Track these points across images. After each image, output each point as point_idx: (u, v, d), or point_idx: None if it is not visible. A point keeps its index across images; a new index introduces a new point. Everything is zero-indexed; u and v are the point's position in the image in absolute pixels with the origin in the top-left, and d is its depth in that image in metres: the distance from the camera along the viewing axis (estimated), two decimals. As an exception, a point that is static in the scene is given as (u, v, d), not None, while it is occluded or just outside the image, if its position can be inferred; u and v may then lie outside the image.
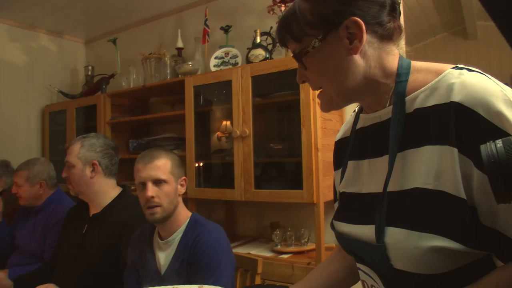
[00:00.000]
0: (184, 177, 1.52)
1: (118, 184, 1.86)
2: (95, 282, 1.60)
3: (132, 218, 1.67)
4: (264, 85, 2.36)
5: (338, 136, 0.97)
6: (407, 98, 0.73)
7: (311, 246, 2.25)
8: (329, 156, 2.26)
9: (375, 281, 0.78)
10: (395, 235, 0.68)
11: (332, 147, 1.01)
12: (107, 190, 1.77)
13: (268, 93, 2.36)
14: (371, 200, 0.77)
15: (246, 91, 2.30)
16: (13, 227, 2.35)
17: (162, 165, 1.43)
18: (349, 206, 0.84)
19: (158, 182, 1.41)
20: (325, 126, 2.20)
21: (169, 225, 1.45)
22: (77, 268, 1.65)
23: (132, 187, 2.89)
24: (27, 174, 2.24)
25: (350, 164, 0.86)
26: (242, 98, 2.32)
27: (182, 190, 1.50)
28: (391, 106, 0.75)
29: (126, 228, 1.63)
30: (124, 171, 3.11)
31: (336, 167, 0.96)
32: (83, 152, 1.73)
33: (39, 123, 3.68)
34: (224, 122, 2.55)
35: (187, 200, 2.46)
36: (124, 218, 1.67)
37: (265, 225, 2.53)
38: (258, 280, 1.67)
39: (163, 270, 1.43)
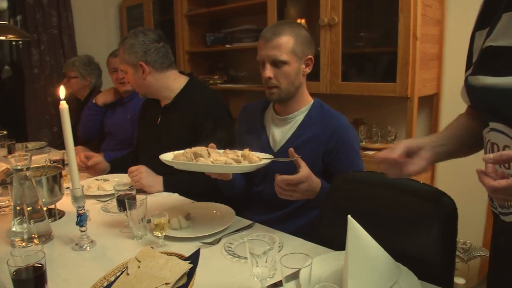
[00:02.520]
0: (310, 56, 1.35)
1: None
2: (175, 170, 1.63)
3: (205, 104, 1.63)
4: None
5: None
6: None
7: (398, 144, 2.14)
8: (428, 47, 2.06)
9: None
10: None
11: (431, 37, 0.87)
12: (169, 84, 1.69)
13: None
14: None
15: (336, -28, 2.07)
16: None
17: (284, 43, 1.28)
18: (498, 59, 0.78)
19: (276, 63, 1.30)
20: (425, 13, 1.95)
21: (291, 103, 1.38)
22: (156, 158, 1.69)
23: (210, 81, 2.89)
24: None
25: (505, 16, 0.77)
26: (331, -19, 2.09)
27: (307, 70, 1.36)
28: None
29: (200, 115, 1.60)
30: (201, 65, 3.10)
31: (481, 27, 0.85)
32: (126, 56, 1.64)
33: (117, 18, 3.71)
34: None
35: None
36: (197, 106, 1.63)
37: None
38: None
39: (277, 146, 1.40)
